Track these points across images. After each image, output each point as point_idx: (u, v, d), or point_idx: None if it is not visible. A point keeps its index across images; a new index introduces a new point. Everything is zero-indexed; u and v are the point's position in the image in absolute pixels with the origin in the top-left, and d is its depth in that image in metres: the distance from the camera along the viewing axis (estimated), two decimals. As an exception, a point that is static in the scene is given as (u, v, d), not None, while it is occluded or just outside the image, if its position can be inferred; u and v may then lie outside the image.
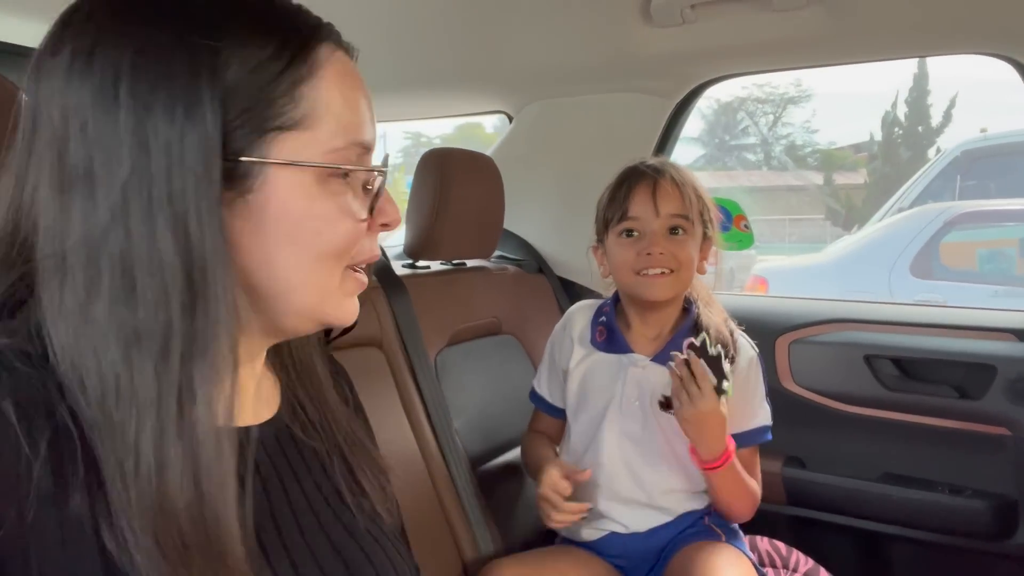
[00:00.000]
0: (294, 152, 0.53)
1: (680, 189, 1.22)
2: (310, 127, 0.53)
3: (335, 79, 0.55)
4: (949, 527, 1.54)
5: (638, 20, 1.49)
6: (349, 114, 0.56)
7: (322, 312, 0.58)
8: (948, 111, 15.80)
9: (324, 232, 0.55)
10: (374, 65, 1.83)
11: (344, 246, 0.56)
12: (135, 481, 0.46)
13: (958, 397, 1.54)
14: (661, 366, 1.23)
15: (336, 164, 0.54)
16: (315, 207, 0.54)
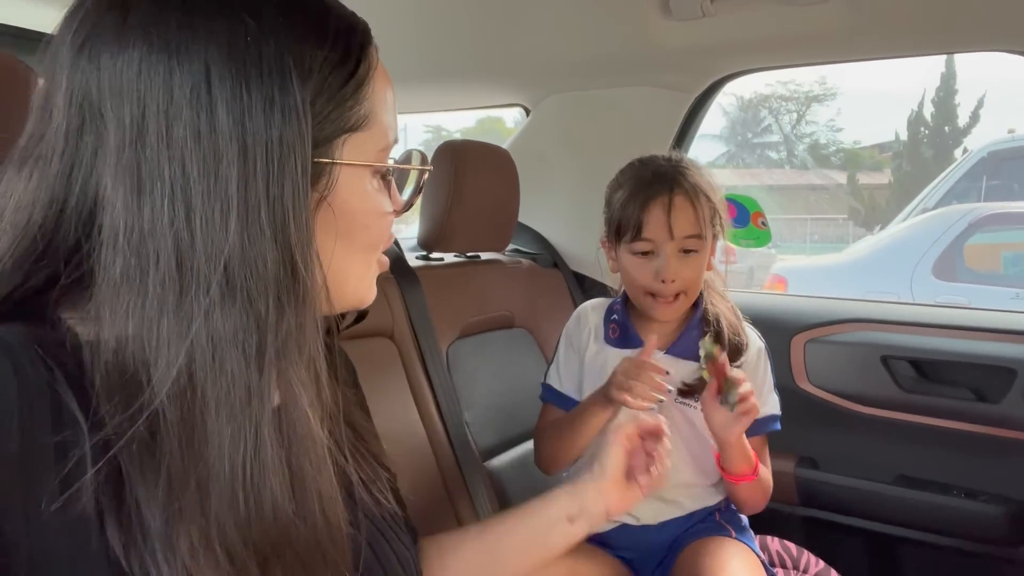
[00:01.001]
0: (355, 152, 0.55)
1: (694, 204, 1.19)
2: (368, 127, 0.55)
3: (382, 80, 0.57)
4: (963, 531, 1.52)
5: (657, 13, 1.47)
6: (392, 114, 0.59)
7: (360, 298, 0.61)
8: (976, 111, 15.59)
9: (373, 227, 0.58)
10: (394, 57, 1.83)
11: (384, 237, 0.60)
12: (227, 488, 0.45)
13: (976, 400, 1.52)
14: (673, 358, 1.23)
15: (396, 164, 0.59)
16: (368, 204, 0.57)
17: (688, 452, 1.24)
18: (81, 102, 0.47)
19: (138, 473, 0.45)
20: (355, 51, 0.53)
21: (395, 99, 0.60)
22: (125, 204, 0.46)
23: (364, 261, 0.59)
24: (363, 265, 0.59)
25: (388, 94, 0.58)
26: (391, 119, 0.58)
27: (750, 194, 1.70)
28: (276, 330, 0.47)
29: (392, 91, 0.59)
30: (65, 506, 0.44)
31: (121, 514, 0.45)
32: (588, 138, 1.94)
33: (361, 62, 0.54)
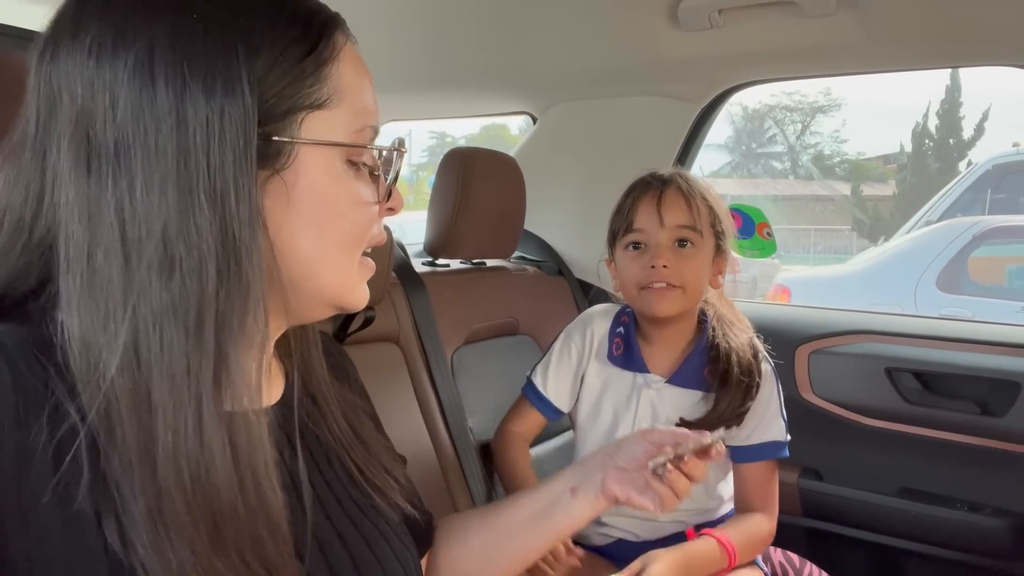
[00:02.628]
0: (322, 132, 0.54)
1: (687, 199, 1.18)
2: (335, 107, 0.55)
3: (350, 61, 0.56)
4: (967, 545, 1.52)
5: (665, 24, 1.48)
6: (364, 98, 0.57)
7: (339, 296, 0.59)
8: (980, 124, 15.58)
9: (348, 215, 0.56)
10: (404, 65, 1.86)
11: (364, 229, 0.58)
12: (171, 459, 0.46)
13: (980, 413, 1.52)
14: (675, 387, 1.22)
15: (361, 144, 0.56)
16: (340, 188, 0.56)
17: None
18: (46, 91, 0.49)
19: (110, 450, 0.46)
20: (315, 30, 0.54)
21: (372, 86, 0.59)
22: (76, 181, 0.47)
23: (343, 255, 0.57)
24: (341, 259, 0.57)
25: (362, 80, 0.57)
26: (365, 103, 0.57)
27: (754, 204, 1.70)
28: (215, 304, 0.48)
29: (368, 79, 0.58)
30: (62, 502, 0.45)
31: (112, 504, 0.46)
32: (594, 147, 1.95)
33: (322, 40, 0.54)
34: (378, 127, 0.59)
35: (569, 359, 1.30)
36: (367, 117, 0.57)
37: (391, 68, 1.89)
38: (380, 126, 0.60)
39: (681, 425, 1.18)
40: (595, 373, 1.28)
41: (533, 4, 1.51)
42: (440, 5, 1.55)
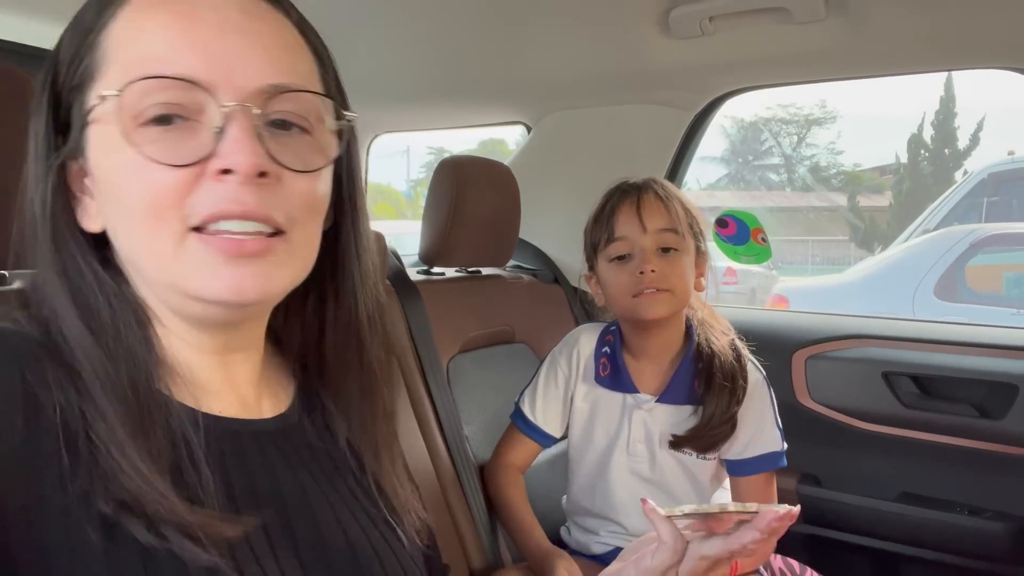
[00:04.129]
0: (97, 104, 0.50)
1: (665, 203, 1.18)
2: (103, 74, 0.51)
3: (132, 13, 0.51)
4: (966, 549, 1.51)
5: (656, 32, 1.49)
6: (141, 47, 0.50)
7: (175, 285, 0.52)
8: (975, 133, 15.64)
9: (128, 185, 0.50)
10: (394, 76, 1.87)
11: (152, 199, 0.49)
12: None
13: (978, 416, 1.51)
14: (666, 405, 1.22)
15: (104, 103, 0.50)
16: (118, 159, 0.50)
17: (683, 494, 1.23)
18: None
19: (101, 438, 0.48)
20: (89, 11, 0.53)
21: (181, 21, 0.50)
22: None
23: (149, 233, 0.50)
24: (152, 238, 0.50)
25: (144, 23, 0.50)
26: (146, 50, 0.50)
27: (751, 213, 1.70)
28: (53, 272, 0.53)
29: (170, 13, 0.50)
30: (65, 496, 0.45)
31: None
32: (588, 155, 1.95)
33: (104, 9, 0.52)
34: (166, 69, 0.49)
35: (556, 384, 1.30)
36: (141, 66, 0.49)
37: (384, 81, 1.90)
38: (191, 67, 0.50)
39: (674, 442, 1.19)
40: (583, 396, 1.28)
41: (525, 14, 1.52)
42: (433, 17, 1.56)
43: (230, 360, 0.59)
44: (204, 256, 0.50)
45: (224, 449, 0.55)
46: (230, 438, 0.56)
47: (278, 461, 0.59)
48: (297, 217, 0.53)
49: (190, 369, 0.56)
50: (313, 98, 0.54)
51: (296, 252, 0.54)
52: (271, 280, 0.53)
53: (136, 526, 0.46)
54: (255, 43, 0.51)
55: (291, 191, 0.52)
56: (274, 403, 0.63)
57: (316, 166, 0.54)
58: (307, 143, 0.54)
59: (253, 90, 0.50)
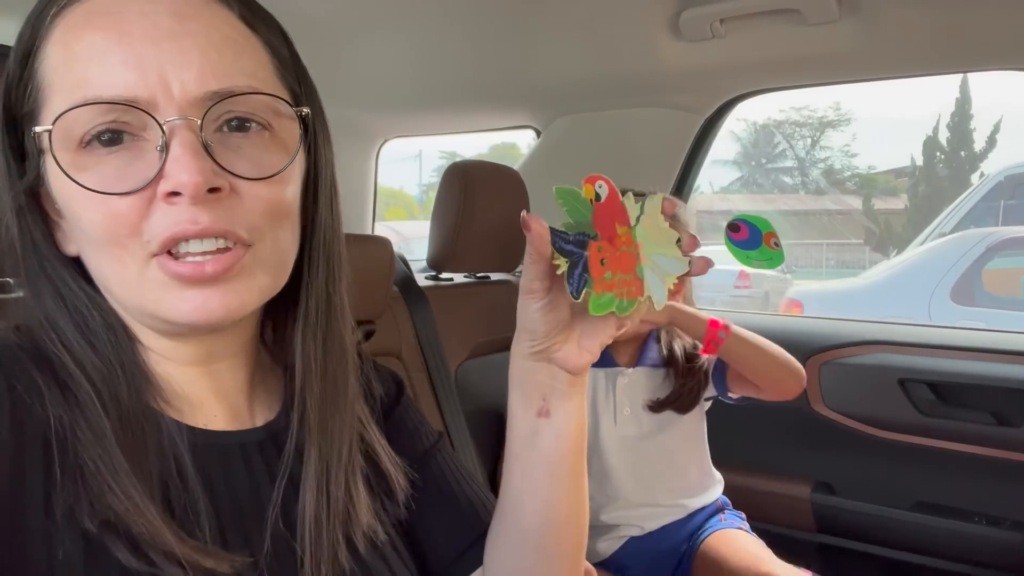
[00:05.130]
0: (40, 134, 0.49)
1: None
2: (45, 103, 0.49)
3: (60, 35, 0.49)
4: (985, 559, 1.48)
5: (667, 35, 1.48)
6: (76, 69, 0.48)
7: (144, 308, 0.51)
8: (992, 136, 15.48)
9: (82, 215, 0.48)
10: (404, 82, 1.86)
11: (109, 227, 0.48)
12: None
13: (996, 424, 1.49)
14: (643, 368, 1.35)
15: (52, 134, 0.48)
16: (68, 190, 0.48)
17: (674, 455, 1.33)
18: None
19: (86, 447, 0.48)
20: (27, 30, 0.50)
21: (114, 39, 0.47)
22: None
23: (112, 260, 0.49)
24: (115, 266, 0.49)
25: (75, 45, 0.48)
26: (80, 73, 0.47)
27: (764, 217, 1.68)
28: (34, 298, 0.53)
29: (98, 32, 0.48)
30: (50, 507, 0.45)
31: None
32: (599, 159, 1.94)
33: (35, 39, 0.49)
34: (103, 94, 0.47)
35: None
36: (78, 91, 0.47)
37: (393, 85, 1.89)
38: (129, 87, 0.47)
39: (654, 407, 1.32)
40: None
41: (534, 18, 1.51)
42: (442, 22, 1.55)
43: (215, 370, 0.58)
44: (166, 281, 0.49)
45: (209, 465, 0.54)
46: (216, 452, 0.55)
47: (262, 474, 0.57)
48: (261, 226, 0.51)
49: (174, 383, 0.55)
50: (261, 96, 0.51)
51: (265, 262, 0.52)
52: (238, 297, 0.51)
53: (120, 548, 0.45)
54: (189, 47, 0.48)
55: (251, 200, 0.50)
56: (266, 409, 0.61)
57: (274, 170, 0.51)
58: (266, 142, 0.52)
59: (193, 99, 0.48)
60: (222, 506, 0.53)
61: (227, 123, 0.50)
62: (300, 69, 0.58)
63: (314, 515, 0.56)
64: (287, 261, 0.55)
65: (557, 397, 0.57)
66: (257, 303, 0.53)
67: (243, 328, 0.59)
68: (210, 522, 0.50)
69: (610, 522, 1.32)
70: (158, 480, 0.48)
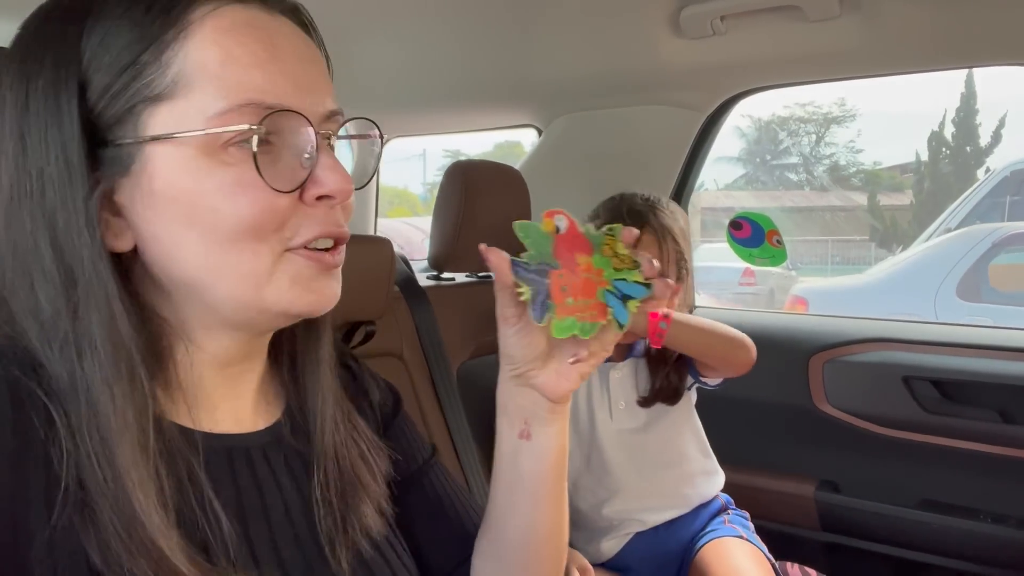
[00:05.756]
0: (171, 125, 0.49)
1: (660, 244, 1.28)
2: (184, 94, 0.49)
3: (214, 35, 0.49)
4: (990, 557, 1.47)
5: (667, 32, 1.47)
6: (237, 71, 0.49)
7: (260, 300, 0.52)
8: (997, 131, 15.42)
9: (222, 209, 0.49)
10: (405, 81, 1.86)
11: (253, 222, 0.49)
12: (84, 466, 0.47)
13: (1002, 421, 1.48)
14: (633, 360, 1.37)
15: (229, 126, 0.48)
16: (205, 182, 0.49)
17: (671, 445, 1.35)
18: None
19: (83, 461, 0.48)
20: (155, 13, 0.49)
21: (270, 51, 0.50)
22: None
23: (241, 254, 0.50)
24: (244, 259, 0.50)
25: (232, 48, 0.49)
26: (244, 77, 0.49)
27: (771, 216, 1.67)
28: (68, 324, 0.48)
29: (256, 43, 0.50)
30: (52, 512, 0.45)
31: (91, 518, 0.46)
32: (600, 157, 1.93)
33: (163, 23, 0.49)
34: (271, 101, 0.49)
35: None
36: (246, 92, 0.49)
37: (394, 85, 1.89)
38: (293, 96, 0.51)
39: (646, 401, 1.33)
40: None
41: (535, 17, 1.50)
42: (442, 22, 1.55)
43: (242, 370, 0.59)
44: (302, 272, 0.52)
45: (215, 467, 0.54)
46: (224, 455, 0.56)
47: (266, 476, 0.58)
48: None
49: (197, 386, 0.55)
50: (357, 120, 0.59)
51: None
52: (339, 287, 0.56)
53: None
54: (319, 70, 0.55)
55: (345, 207, 0.56)
56: (268, 413, 0.62)
57: (363, 181, 0.57)
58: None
59: (326, 114, 0.53)
60: (228, 510, 0.53)
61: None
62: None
63: (328, 518, 0.58)
64: None
65: (537, 421, 0.60)
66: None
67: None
68: (223, 531, 0.51)
69: (613, 516, 1.33)
70: (174, 497, 0.48)
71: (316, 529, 0.58)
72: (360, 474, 0.62)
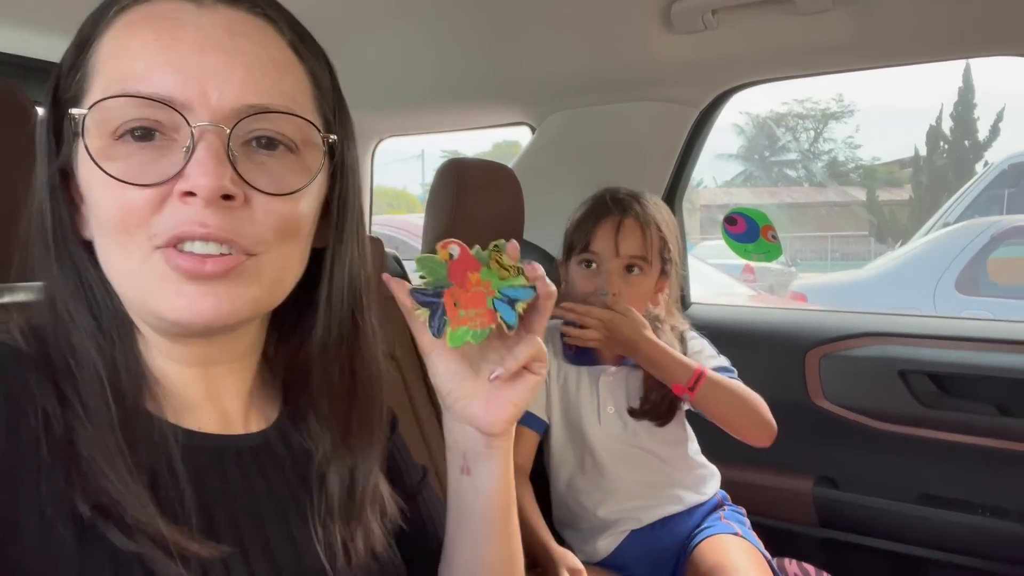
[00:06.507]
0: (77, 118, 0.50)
1: (643, 228, 1.27)
2: (87, 92, 0.51)
3: (117, 30, 0.51)
4: (989, 551, 1.47)
5: (659, 27, 1.46)
6: (122, 63, 0.50)
7: (143, 305, 0.52)
8: (995, 124, 15.43)
9: (101, 200, 0.50)
10: (398, 80, 1.85)
11: (121, 216, 0.49)
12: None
13: (999, 415, 1.47)
14: (624, 369, 1.33)
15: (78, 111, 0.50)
16: (92, 176, 0.50)
17: (661, 450, 1.32)
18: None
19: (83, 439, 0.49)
20: (95, 15, 0.52)
21: (163, 40, 0.50)
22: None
23: (120, 250, 0.50)
24: (122, 255, 0.50)
25: (128, 41, 0.50)
26: (128, 67, 0.49)
27: (768, 212, 1.66)
28: (54, 289, 0.53)
29: (152, 32, 0.50)
30: (44, 494, 0.46)
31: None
32: (594, 154, 1.92)
33: (93, 32, 0.52)
34: (146, 89, 0.48)
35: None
36: (117, 83, 0.49)
37: (386, 84, 1.88)
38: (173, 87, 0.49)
39: (634, 414, 1.30)
40: (555, 373, 1.36)
41: (525, 14, 1.50)
42: (433, 20, 1.55)
43: (213, 373, 0.58)
44: (166, 273, 0.49)
45: (201, 466, 0.54)
46: (208, 454, 0.56)
47: (256, 479, 0.58)
48: (268, 240, 0.52)
49: (171, 382, 0.56)
50: (293, 118, 0.53)
51: (263, 274, 0.53)
52: (230, 302, 0.51)
53: (112, 530, 0.46)
54: (235, 61, 0.50)
55: (263, 214, 0.51)
56: (261, 417, 0.62)
57: (291, 188, 0.52)
58: (291, 163, 0.53)
59: (228, 110, 0.49)
60: (212, 504, 0.53)
61: (256, 139, 0.52)
62: (338, 100, 0.60)
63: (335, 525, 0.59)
64: (287, 280, 0.56)
65: (476, 457, 0.62)
66: (248, 313, 0.54)
67: (239, 337, 0.59)
68: (197, 516, 0.51)
69: (608, 516, 1.31)
70: (148, 473, 0.50)
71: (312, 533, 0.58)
72: (360, 488, 0.61)
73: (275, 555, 0.55)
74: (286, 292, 0.57)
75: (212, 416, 0.58)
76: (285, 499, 0.58)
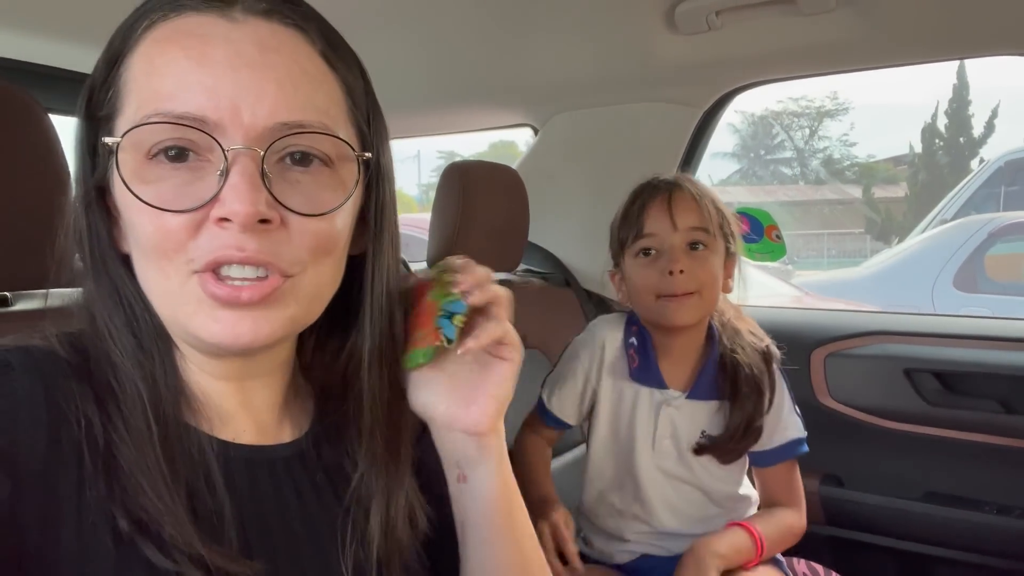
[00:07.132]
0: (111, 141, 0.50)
1: (698, 201, 1.14)
2: (121, 111, 0.50)
3: (147, 47, 0.50)
4: (996, 549, 1.47)
5: (663, 28, 1.46)
6: (155, 81, 0.49)
7: (181, 326, 0.52)
8: (990, 121, 15.48)
9: (136, 224, 0.49)
10: (400, 82, 1.85)
11: (159, 241, 0.49)
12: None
13: (1004, 412, 1.48)
14: (694, 401, 1.19)
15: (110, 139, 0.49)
16: (127, 198, 0.49)
17: (710, 489, 1.21)
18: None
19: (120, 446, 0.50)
20: (118, 39, 0.51)
21: (193, 57, 0.49)
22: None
23: (157, 272, 0.50)
24: (160, 278, 0.50)
25: (156, 58, 0.49)
26: (154, 88, 0.49)
27: (766, 210, 1.67)
28: (94, 309, 0.53)
29: (181, 49, 0.49)
30: (84, 506, 0.47)
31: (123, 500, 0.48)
32: (597, 155, 1.93)
33: (121, 48, 0.51)
34: (178, 110, 0.48)
35: (575, 377, 1.25)
36: (156, 102, 0.48)
37: (387, 86, 1.87)
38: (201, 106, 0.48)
39: (698, 450, 1.18)
40: (609, 389, 1.24)
41: (528, 16, 1.50)
42: (434, 22, 1.54)
43: (248, 386, 0.58)
44: (203, 298, 0.49)
45: (236, 477, 0.54)
46: (243, 465, 0.56)
47: (289, 490, 0.58)
48: (305, 260, 0.51)
49: (207, 394, 0.56)
50: (328, 136, 0.52)
51: (301, 293, 0.52)
52: (268, 325, 0.51)
53: (149, 547, 0.46)
54: (266, 78, 0.49)
55: (299, 234, 0.50)
56: (295, 427, 0.61)
57: (327, 208, 0.51)
58: (325, 179, 0.52)
59: (261, 129, 0.49)
60: (247, 517, 0.53)
61: (290, 155, 0.51)
62: (373, 108, 0.58)
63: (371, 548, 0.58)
64: (324, 295, 0.56)
65: (469, 462, 0.63)
66: (286, 333, 0.54)
67: (277, 351, 0.59)
68: (236, 531, 0.51)
69: (634, 539, 1.24)
70: (187, 486, 0.50)
71: (341, 544, 0.58)
72: (395, 507, 0.61)
73: (303, 568, 0.55)
74: (323, 307, 0.56)
75: (248, 426, 0.58)
76: (316, 515, 0.58)
